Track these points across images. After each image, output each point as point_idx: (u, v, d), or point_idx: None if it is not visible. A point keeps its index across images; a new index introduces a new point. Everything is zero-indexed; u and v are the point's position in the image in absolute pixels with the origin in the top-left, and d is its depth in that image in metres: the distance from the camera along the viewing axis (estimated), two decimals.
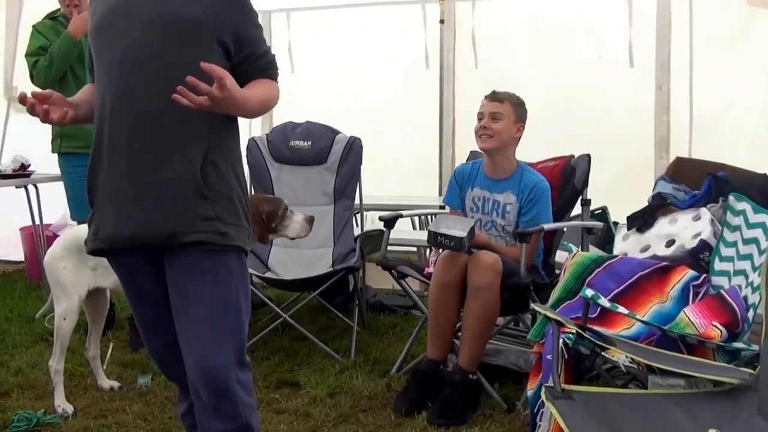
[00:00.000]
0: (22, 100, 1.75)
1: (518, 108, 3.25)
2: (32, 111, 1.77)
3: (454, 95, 5.68)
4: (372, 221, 4.82)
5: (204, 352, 1.84)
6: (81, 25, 3.56)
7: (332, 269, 3.71)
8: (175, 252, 1.83)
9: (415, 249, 5.01)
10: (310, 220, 3.19)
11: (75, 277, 2.89)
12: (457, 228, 2.95)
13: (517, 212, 3.22)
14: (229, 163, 1.87)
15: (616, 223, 4.42)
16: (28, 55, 3.77)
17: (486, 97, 3.28)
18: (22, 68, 5.03)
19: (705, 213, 3.10)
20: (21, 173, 4.07)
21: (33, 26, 3.85)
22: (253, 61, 1.87)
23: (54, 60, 3.64)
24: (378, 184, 5.09)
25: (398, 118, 5.75)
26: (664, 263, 2.71)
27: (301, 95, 5.16)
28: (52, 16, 3.89)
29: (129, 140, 1.80)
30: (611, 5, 5.22)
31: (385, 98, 5.80)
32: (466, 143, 4.83)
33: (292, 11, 5.95)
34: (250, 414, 1.91)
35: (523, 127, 3.27)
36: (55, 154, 3.90)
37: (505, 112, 3.20)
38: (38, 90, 1.82)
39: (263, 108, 1.90)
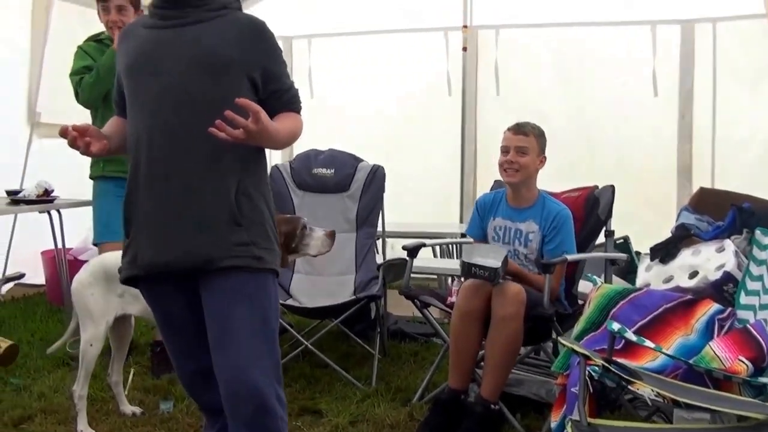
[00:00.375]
0: (64, 133, 1.83)
1: (541, 139, 3.26)
2: (73, 143, 1.85)
3: (476, 122, 5.71)
4: (392, 246, 4.84)
5: (244, 370, 1.89)
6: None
7: (355, 297, 3.71)
8: (212, 277, 1.90)
9: (435, 276, 5.01)
10: (332, 235, 3.03)
11: (102, 304, 2.91)
12: (490, 258, 2.95)
13: (539, 240, 3.22)
14: (260, 192, 1.96)
15: (638, 253, 4.39)
16: (72, 74, 3.67)
17: (510, 129, 3.28)
18: (46, 94, 5.15)
19: (729, 245, 3.07)
20: (44, 198, 4.10)
21: (78, 47, 3.77)
22: (280, 96, 1.96)
23: (100, 74, 3.55)
24: (399, 210, 5.10)
25: (420, 144, 5.79)
26: (689, 296, 2.69)
27: (321, 121, 5.19)
28: (96, 39, 3.80)
29: (166, 172, 1.88)
30: (635, 34, 5.26)
31: (406, 124, 5.85)
32: (488, 170, 4.85)
33: (314, 37, 6.02)
34: (285, 431, 1.96)
35: (545, 158, 3.29)
36: (81, 177, 3.89)
37: (530, 146, 3.21)
38: (77, 124, 1.88)
39: (290, 140, 1.99)
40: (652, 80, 5.16)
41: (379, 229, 4.07)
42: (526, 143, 3.21)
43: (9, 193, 4.32)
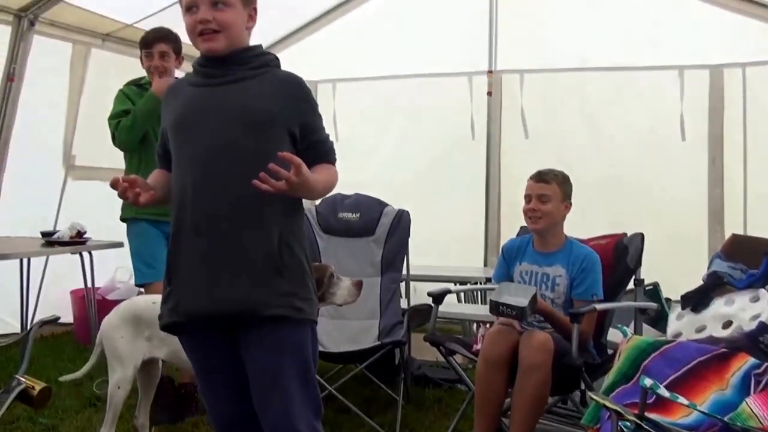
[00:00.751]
0: (115, 184, 1.91)
1: (564, 186, 3.26)
2: (124, 194, 1.93)
3: (500, 166, 5.71)
4: (414, 289, 4.81)
5: (290, 418, 1.96)
6: (165, 85, 3.60)
7: (379, 343, 3.69)
8: (254, 327, 1.95)
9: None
10: (359, 285, 2.99)
11: (131, 347, 2.93)
12: (519, 296, 2.94)
13: (567, 285, 3.20)
14: (299, 242, 2.02)
15: (668, 300, 4.33)
16: (110, 118, 3.69)
17: (532, 178, 3.29)
18: (80, 137, 5.26)
19: (764, 294, 3.01)
20: (77, 240, 4.18)
21: (120, 90, 3.77)
22: (316, 148, 2.04)
23: (137, 117, 3.58)
24: (423, 253, 5.09)
25: (444, 188, 5.80)
26: (724, 349, 2.62)
27: (345, 164, 5.16)
28: (137, 83, 3.81)
29: (210, 223, 1.94)
30: (663, 78, 5.25)
31: (431, 168, 5.86)
32: (512, 215, 4.83)
33: (338, 82, 6.09)
34: None
35: (571, 203, 3.28)
36: (113, 218, 3.92)
37: (553, 193, 3.21)
38: (127, 176, 1.96)
39: (327, 190, 2.06)
40: (680, 124, 5.14)
41: (404, 272, 4.05)
42: (547, 191, 3.21)
43: (44, 234, 4.41)
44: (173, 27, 5.34)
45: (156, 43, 3.60)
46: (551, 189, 3.22)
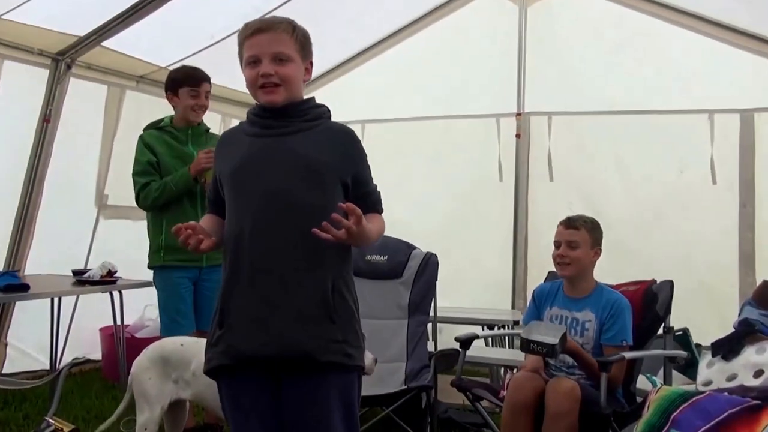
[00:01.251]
0: (177, 232, 1.98)
1: (594, 232, 3.25)
2: (185, 242, 1.99)
3: (527, 209, 5.69)
4: (440, 330, 4.79)
5: None
6: (202, 165, 3.53)
7: (406, 387, 3.67)
8: (304, 370, 2.00)
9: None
10: (374, 362, 3.02)
11: (159, 388, 2.96)
12: (549, 335, 2.93)
13: (596, 330, 3.17)
14: (349, 289, 2.08)
15: (698, 346, 4.26)
16: (135, 174, 3.69)
17: (561, 223, 3.30)
18: (113, 177, 5.36)
19: None
20: (108, 280, 4.24)
21: (140, 138, 3.75)
22: (366, 198, 2.12)
23: (166, 192, 3.58)
24: (451, 294, 5.07)
25: (472, 229, 5.78)
26: (755, 401, 2.58)
27: None
28: (157, 126, 3.79)
29: (267, 269, 2.00)
30: (692, 122, 5.22)
31: (459, 209, 5.86)
32: (539, 257, 4.82)
33: (367, 123, 6.15)
34: None
35: (600, 250, 3.27)
36: (142, 256, 3.94)
37: (582, 240, 3.21)
38: (188, 223, 2.01)
39: (378, 239, 2.13)
40: (710, 168, 5.10)
41: (431, 314, 4.04)
42: (576, 237, 3.21)
43: (75, 272, 4.47)
44: (205, 69, 5.50)
45: (203, 82, 3.71)
46: (580, 235, 3.21)
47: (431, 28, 6.08)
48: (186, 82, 3.69)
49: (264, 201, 2.02)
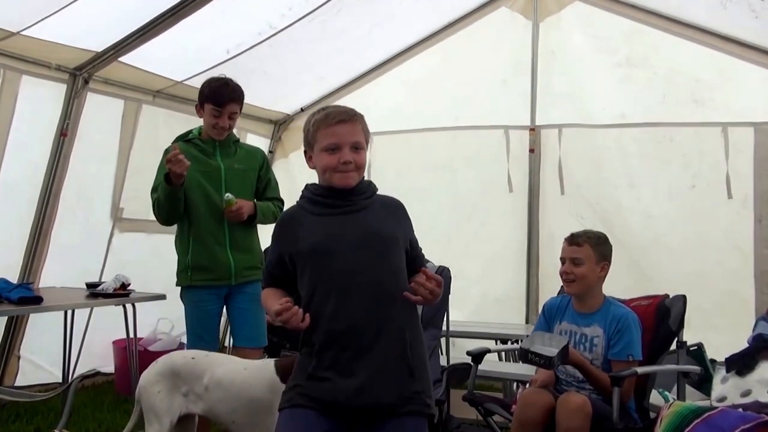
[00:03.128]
0: (279, 313, 2.13)
1: (599, 247, 3.21)
2: (288, 321, 2.13)
3: (539, 221, 5.68)
4: (453, 344, 4.78)
5: None
6: (168, 167, 3.34)
7: None
8: (389, 421, 2.18)
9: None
10: None
11: (168, 402, 2.94)
12: (550, 346, 2.94)
13: (604, 345, 3.15)
14: (421, 343, 2.31)
15: (713, 361, 4.22)
16: (153, 190, 3.57)
17: (565, 240, 3.28)
18: (129, 191, 5.41)
19: None
20: (121, 293, 4.26)
21: (165, 151, 3.52)
22: (417, 259, 2.39)
23: (160, 206, 3.49)
24: (463, 308, 5.06)
25: (481, 242, 5.77)
26: (767, 417, 2.55)
27: None
28: (186, 139, 3.65)
29: (351, 336, 2.19)
30: (705, 135, 5.20)
31: (467, 222, 5.84)
32: (551, 271, 4.79)
33: (376, 135, 6.15)
34: None
35: (608, 264, 3.24)
36: (156, 269, 3.91)
37: (586, 256, 3.18)
38: (289, 305, 2.14)
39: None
40: (725, 182, 5.07)
41: (443, 328, 4.02)
42: (580, 254, 3.19)
43: (89, 285, 4.50)
44: None
45: (229, 103, 3.51)
46: (584, 252, 3.18)
47: (444, 42, 6.10)
48: (210, 99, 3.51)
49: (344, 275, 2.21)
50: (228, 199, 3.44)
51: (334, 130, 2.25)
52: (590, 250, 3.19)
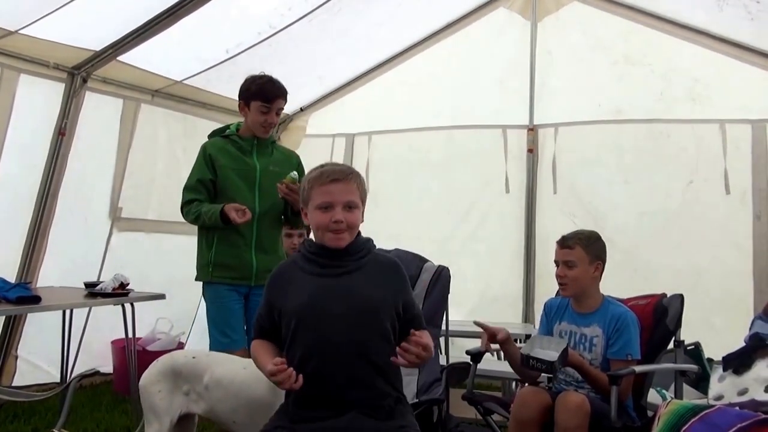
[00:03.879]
0: (276, 374, 2.16)
1: (591, 247, 3.19)
2: (283, 383, 2.17)
3: (535, 221, 5.69)
4: (452, 342, 4.78)
5: None
6: (235, 221, 3.36)
7: (417, 400, 3.65)
8: None
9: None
10: None
11: (168, 401, 2.94)
12: (550, 349, 2.93)
13: (603, 345, 3.15)
14: (402, 392, 2.39)
15: (710, 360, 4.23)
16: (185, 187, 3.55)
17: (557, 243, 3.26)
18: (127, 190, 5.41)
19: None
20: (120, 292, 4.26)
21: (202, 146, 3.58)
22: (412, 320, 2.36)
23: (199, 222, 3.49)
24: (462, 307, 5.06)
25: (479, 241, 5.78)
26: (764, 416, 2.55)
27: (382, 217, 5.15)
28: (222, 134, 3.63)
29: (330, 396, 2.25)
30: (703, 132, 5.21)
31: (465, 221, 5.85)
32: (548, 269, 4.80)
33: (374, 134, 6.19)
34: None
35: (603, 263, 3.22)
36: (155, 269, 3.88)
37: (578, 258, 3.16)
38: (284, 366, 2.17)
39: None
40: (723, 179, 5.08)
41: (443, 328, 4.02)
42: (571, 256, 3.17)
43: (87, 285, 4.50)
44: (219, 83, 5.52)
45: (277, 99, 3.50)
46: (575, 254, 3.16)
47: (444, 42, 6.11)
48: (258, 96, 3.48)
49: (328, 342, 2.24)
50: (293, 176, 3.38)
51: (327, 188, 2.29)
52: (582, 251, 3.16)
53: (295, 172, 3.42)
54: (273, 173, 3.54)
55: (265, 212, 3.52)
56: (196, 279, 3.61)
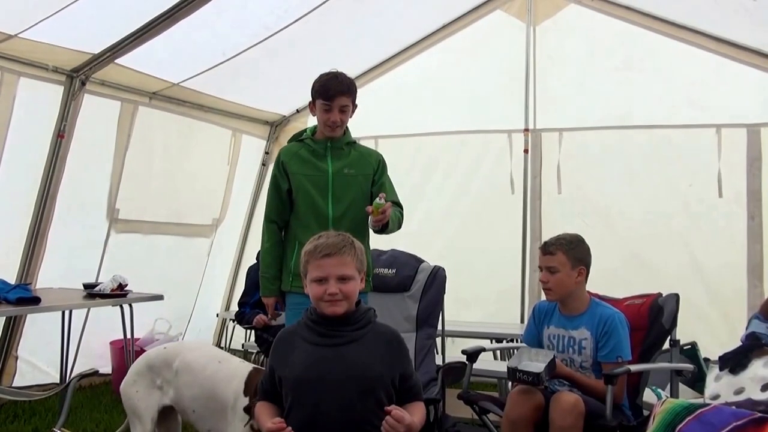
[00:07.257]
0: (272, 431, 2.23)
1: (573, 252, 3.19)
2: None
3: (541, 222, 5.71)
4: (452, 341, 4.80)
5: None
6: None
7: None
8: None
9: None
10: None
11: (146, 400, 3.00)
12: (538, 361, 2.95)
13: (593, 347, 3.17)
14: None
15: (707, 360, 4.24)
16: (266, 219, 3.45)
17: (540, 248, 3.29)
18: (125, 192, 5.42)
19: None
20: (118, 293, 4.28)
21: (278, 156, 3.43)
22: (410, 391, 2.39)
23: (262, 253, 3.44)
24: (460, 307, 5.08)
25: (483, 242, 5.80)
26: (760, 414, 2.57)
27: None
28: (299, 138, 3.47)
29: None
30: (700, 136, 5.25)
31: (470, 223, 5.88)
32: None
33: (380, 138, 6.19)
34: None
35: (586, 268, 3.22)
36: (152, 270, 3.91)
37: (560, 263, 3.17)
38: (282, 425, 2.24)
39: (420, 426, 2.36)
40: (717, 182, 5.12)
41: (439, 326, 4.05)
42: (553, 262, 3.19)
43: (86, 286, 4.52)
44: (217, 85, 5.53)
45: (338, 96, 3.28)
46: (557, 260, 3.18)
47: (441, 45, 6.13)
48: (320, 94, 3.31)
49: (322, 412, 2.27)
50: (378, 203, 3.14)
51: (320, 263, 2.33)
52: (563, 256, 3.17)
53: (382, 198, 3.16)
54: (347, 176, 3.35)
55: (341, 216, 3.31)
56: (281, 288, 3.43)
